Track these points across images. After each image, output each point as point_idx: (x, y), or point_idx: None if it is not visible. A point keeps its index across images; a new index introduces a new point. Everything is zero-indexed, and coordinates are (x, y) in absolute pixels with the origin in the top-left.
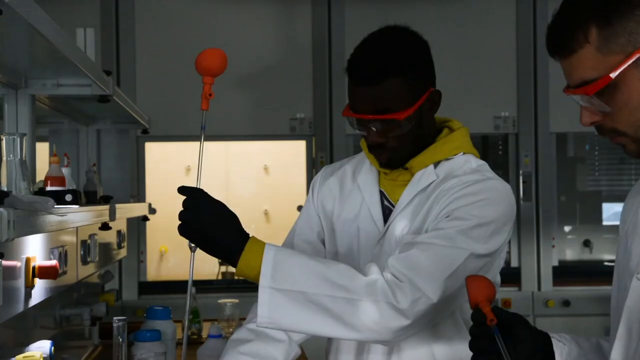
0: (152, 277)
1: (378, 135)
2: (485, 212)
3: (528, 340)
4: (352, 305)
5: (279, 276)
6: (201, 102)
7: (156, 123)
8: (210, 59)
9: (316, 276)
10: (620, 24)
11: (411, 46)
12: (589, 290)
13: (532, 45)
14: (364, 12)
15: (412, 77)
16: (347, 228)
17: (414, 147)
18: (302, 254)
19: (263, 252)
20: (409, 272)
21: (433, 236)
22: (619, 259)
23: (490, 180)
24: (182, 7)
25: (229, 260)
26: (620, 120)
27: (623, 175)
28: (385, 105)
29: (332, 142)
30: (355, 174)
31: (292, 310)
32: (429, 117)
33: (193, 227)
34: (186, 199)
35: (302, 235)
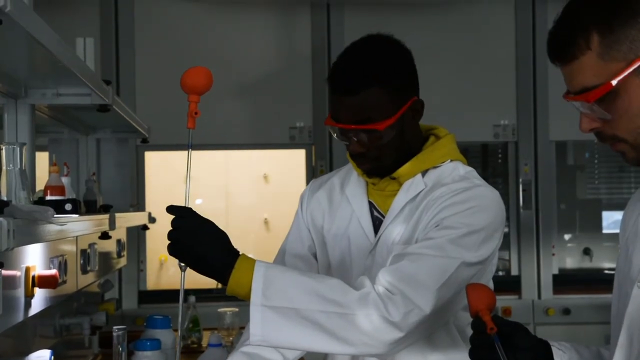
0: (151, 286)
1: (359, 145)
2: (474, 220)
3: (528, 348)
4: (345, 319)
5: (270, 293)
6: (187, 121)
7: (156, 132)
8: (194, 77)
9: (308, 292)
10: (622, 31)
11: (392, 55)
12: (589, 298)
13: (531, 53)
14: (364, 20)
15: (393, 87)
16: (338, 240)
17: (397, 156)
18: (293, 270)
19: (253, 270)
20: (400, 284)
21: (423, 246)
22: (619, 267)
23: (479, 188)
24: (181, 16)
25: (219, 279)
26: (620, 128)
27: (623, 184)
28: (365, 115)
29: (332, 150)
30: (344, 186)
31: (285, 327)
32: (412, 126)
33: (182, 246)
34: (175, 219)
35: (293, 250)
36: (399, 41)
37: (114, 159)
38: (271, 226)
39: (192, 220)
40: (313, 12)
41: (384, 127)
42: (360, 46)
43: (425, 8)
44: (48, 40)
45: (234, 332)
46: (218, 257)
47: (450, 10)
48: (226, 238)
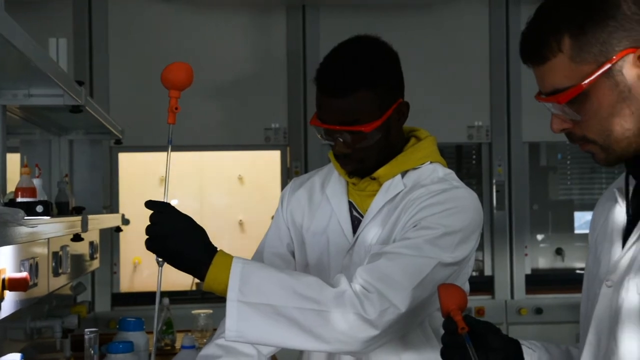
0: (125, 288)
1: (345, 146)
2: (452, 221)
3: (499, 348)
4: (320, 317)
5: (246, 289)
6: (168, 116)
7: (130, 133)
8: (176, 73)
9: (284, 289)
10: (594, 34)
11: (380, 58)
12: (561, 298)
13: (504, 55)
14: (339, 22)
15: (381, 89)
16: (317, 239)
17: (381, 157)
18: (270, 267)
19: (231, 266)
20: (377, 283)
21: (401, 246)
22: (588, 266)
23: (457, 189)
24: (156, 17)
25: (196, 275)
26: (590, 129)
27: (594, 184)
28: (352, 117)
29: (307, 152)
30: (324, 186)
31: (261, 323)
32: (397, 128)
33: (160, 241)
34: (153, 214)
35: (271, 248)
36: (386, 43)
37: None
38: (246, 227)
39: (171, 215)
40: (288, 13)
41: (370, 129)
42: (348, 47)
43: (400, 10)
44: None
45: (207, 334)
46: (196, 252)
47: (424, 12)
48: (204, 234)
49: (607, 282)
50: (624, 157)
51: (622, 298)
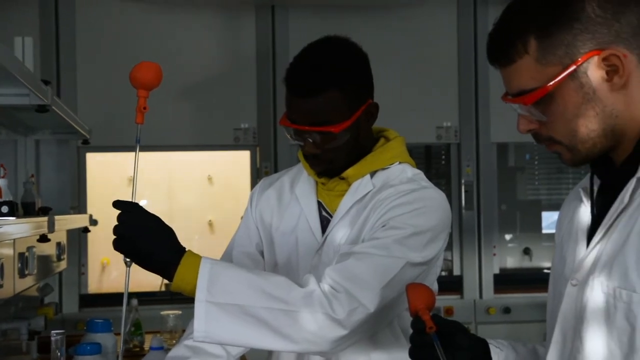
0: (93, 289)
1: (314, 147)
2: (420, 221)
3: (467, 347)
4: (289, 316)
5: (215, 290)
6: (136, 116)
7: (98, 133)
8: (144, 72)
9: (253, 289)
10: (559, 36)
11: (350, 59)
12: (529, 297)
13: (473, 56)
14: (308, 23)
15: (350, 90)
16: (285, 239)
17: (350, 158)
18: (239, 267)
19: (199, 266)
20: (345, 283)
21: (369, 246)
22: (554, 265)
23: (426, 189)
24: (124, 17)
25: (165, 275)
26: (556, 130)
27: (561, 185)
28: (321, 118)
29: (277, 152)
30: (293, 185)
31: (229, 323)
32: (366, 129)
33: (128, 241)
34: (121, 213)
35: (240, 247)
36: (355, 43)
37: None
38: (215, 228)
39: (139, 215)
40: (257, 13)
41: (339, 129)
42: (317, 48)
43: (369, 11)
44: None
45: (176, 335)
46: (164, 252)
47: (393, 13)
48: (172, 234)
49: (573, 281)
50: (589, 158)
51: (586, 297)
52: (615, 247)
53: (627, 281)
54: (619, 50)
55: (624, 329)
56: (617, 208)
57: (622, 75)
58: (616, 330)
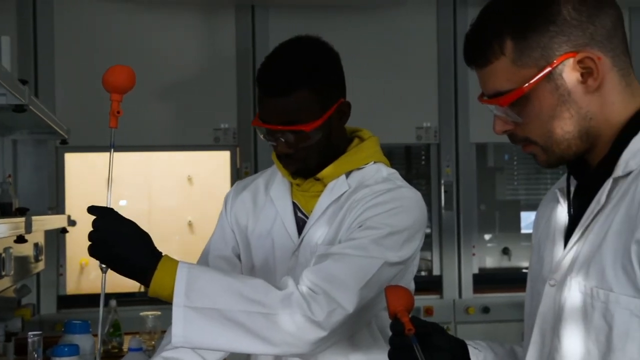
0: (72, 290)
1: (286, 146)
2: (397, 221)
3: (445, 348)
4: (268, 319)
5: (192, 294)
6: (109, 120)
7: (76, 133)
8: (117, 76)
9: (231, 292)
10: (535, 38)
11: (320, 57)
12: (508, 296)
13: (452, 57)
14: (288, 23)
15: (321, 89)
16: (262, 241)
17: (323, 157)
18: (216, 271)
19: (176, 271)
20: (323, 284)
21: (346, 246)
22: (532, 266)
23: (401, 189)
24: (103, 16)
25: (141, 280)
26: (532, 131)
27: (540, 185)
28: (293, 117)
29: (257, 152)
30: (268, 187)
31: (208, 328)
32: (339, 128)
33: (103, 247)
34: (95, 219)
35: (217, 251)
36: (326, 43)
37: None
38: (195, 228)
39: (114, 220)
40: (237, 13)
41: (311, 128)
42: (288, 47)
43: (350, 11)
44: None
45: (156, 336)
46: (140, 258)
47: (373, 14)
48: (148, 239)
49: (550, 282)
50: (564, 159)
51: (564, 297)
52: (592, 247)
53: (604, 281)
54: (594, 52)
55: (602, 328)
56: (594, 209)
57: (596, 77)
58: (594, 329)
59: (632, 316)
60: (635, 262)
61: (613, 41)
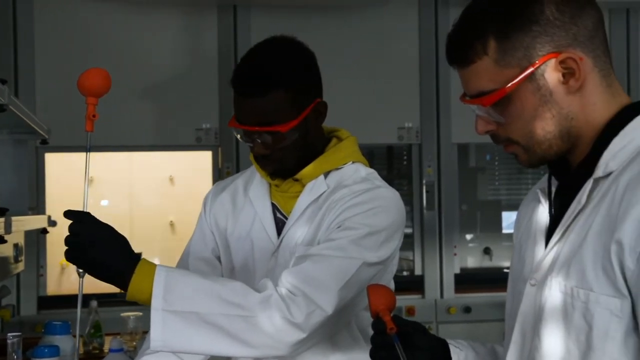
0: (52, 291)
1: (263, 147)
2: (375, 221)
3: (427, 347)
4: (247, 322)
5: (171, 297)
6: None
7: (57, 133)
8: (92, 79)
9: (209, 295)
10: (518, 39)
11: (295, 58)
12: (489, 296)
13: (434, 57)
14: (270, 23)
15: (296, 89)
16: (241, 243)
17: (300, 158)
18: (194, 274)
19: (154, 274)
20: (302, 286)
21: (325, 247)
22: (513, 265)
23: (379, 189)
24: (84, 15)
25: (119, 285)
26: (514, 131)
27: (521, 185)
28: (268, 118)
29: (238, 152)
30: (247, 188)
31: (187, 331)
32: (315, 128)
33: (80, 252)
34: (72, 224)
35: (197, 253)
36: (301, 43)
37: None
38: (177, 229)
39: (90, 225)
40: (219, 13)
41: (287, 129)
42: (263, 48)
43: (332, 11)
44: None
45: (137, 337)
46: (117, 262)
47: (355, 14)
48: (126, 243)
49: (531, 281)
50: (546, 159)
51: (545, 296)
52: (573, 247)
53: (585, 281)
54: (576, 53)
55: (582, 328)
56: (575, 209)
57: (578, 78)
58: (574, 329)
59: (612, 316)
60: (615, 263)
61: (594, 42)
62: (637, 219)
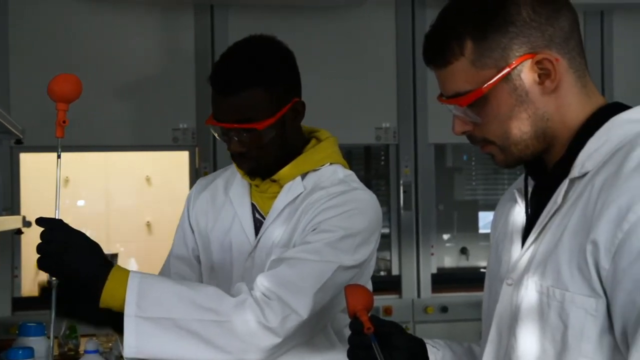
0: (27, 292)
1: (240, 145)
2: (351, 223)
3: (404, 347)
4: (221, 327)
5: (144, 304)
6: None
7: (31, 133)
8: (62, 85)
9: (183, 301)
10: (495, 39)
11: (274, 56)
12: (466, 296)
13: (411, 57)
14: (247, 23)
15: (274, 88)
16: (220, 242)
17: (277, 157)
18: (168, 280)
19: (127, 281)
20: (277, 289)
21: (301, 250)
22: (490, 265)
23: (356, 191)
24: (59, 14)
25: (93, 292)
26: (490, 131)
27: (498, 185)
28: (245, 115)
29: (216, 152)
30: (227, 187)
31: (161, 337)
32: (293, 127)
33: (52, 260)
34: (43, 231)
35: (177, 253)
36: (280, 42)
37: None
38: (154, 229)
39: (62, 232)
40: (196, 13)
41: (263, 126)
42: (242, 46)
43: (309, 11)
44: None
45: (112, 339)
46: (90, 269)
47: (332, 14)
48: (99, 249)
49: (508, 281)
50: (522, 159)
51: (521, 296)
52: (549, 247)
53: (560, 280)
54: (552, 54)
55: (557, 327)
56: (551, 209)
57: (553, 79)
58: (550, 328)
59: (587, 315)
60: (590, 262)
61: (570, 43)
62: (613, 219)
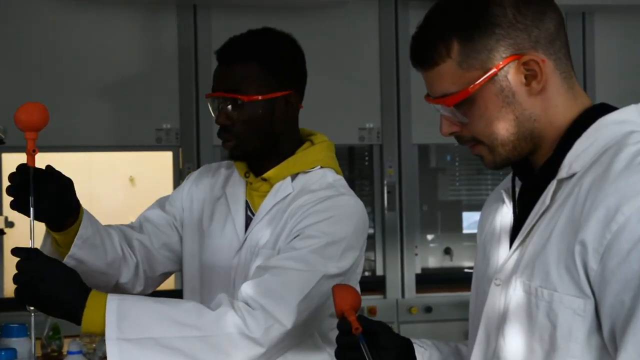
0: (10, 293)
1: (224, 117)
2: (335, 229)
3: (392, 347)
4: (204, 342)
5: (125, 326)
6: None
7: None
8: (29, 114)
9: (164, 319)
10: (481, 41)
11: (281, 43)
12: (450, 296)
13: (394, 57)
14: (230, 23)
15: (269, 68)
16: (211, 236)
17: (262, 144)
18: (147, 299)
19: (105, 304)
20: (261, 299)
21: (285, 258)
22: (477, 265)
23: (342, 197)
24: (41, 14)
25: (73, 320)
26: (477, 131)
27: (481, 185)
28: (234, 85)
29: (199, 153)
30: (226, 183)
31: (144, 358)
32: (283, 117)
33: (30, 290)
34: (19, 261)
35: (150, 215)
36: (296, 41)
37: None
38: None
39: (39, 262)
40: (179, 13)
41: (248, 99)
42: (257, 31)
43: (292, 11)
44: None
45: (97, 339)
46: (68, 297)
47: (315, 14)
48: (76, 277)
49: (496, 281)
50: (510, 160)
51: (509, 296)
52: (537, 247)
53: (548, 281)
54: (538, 55)
55: (545, 327)
56: (539, 210)
57: (540, 80)
58: (538, 328)
59: (575, 315)
60: (578, 263)
61: (556, 44)
62: (601, 220)
